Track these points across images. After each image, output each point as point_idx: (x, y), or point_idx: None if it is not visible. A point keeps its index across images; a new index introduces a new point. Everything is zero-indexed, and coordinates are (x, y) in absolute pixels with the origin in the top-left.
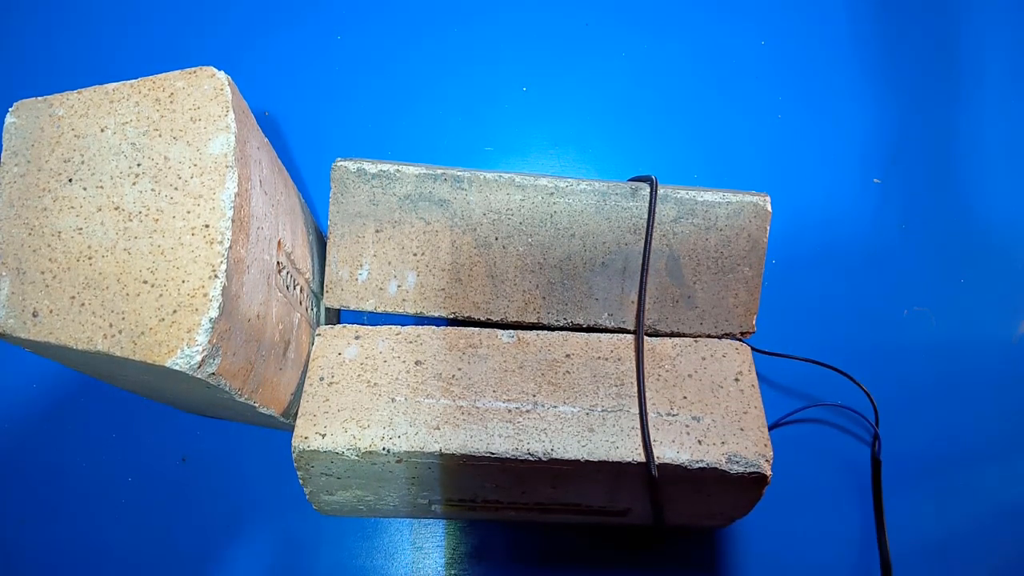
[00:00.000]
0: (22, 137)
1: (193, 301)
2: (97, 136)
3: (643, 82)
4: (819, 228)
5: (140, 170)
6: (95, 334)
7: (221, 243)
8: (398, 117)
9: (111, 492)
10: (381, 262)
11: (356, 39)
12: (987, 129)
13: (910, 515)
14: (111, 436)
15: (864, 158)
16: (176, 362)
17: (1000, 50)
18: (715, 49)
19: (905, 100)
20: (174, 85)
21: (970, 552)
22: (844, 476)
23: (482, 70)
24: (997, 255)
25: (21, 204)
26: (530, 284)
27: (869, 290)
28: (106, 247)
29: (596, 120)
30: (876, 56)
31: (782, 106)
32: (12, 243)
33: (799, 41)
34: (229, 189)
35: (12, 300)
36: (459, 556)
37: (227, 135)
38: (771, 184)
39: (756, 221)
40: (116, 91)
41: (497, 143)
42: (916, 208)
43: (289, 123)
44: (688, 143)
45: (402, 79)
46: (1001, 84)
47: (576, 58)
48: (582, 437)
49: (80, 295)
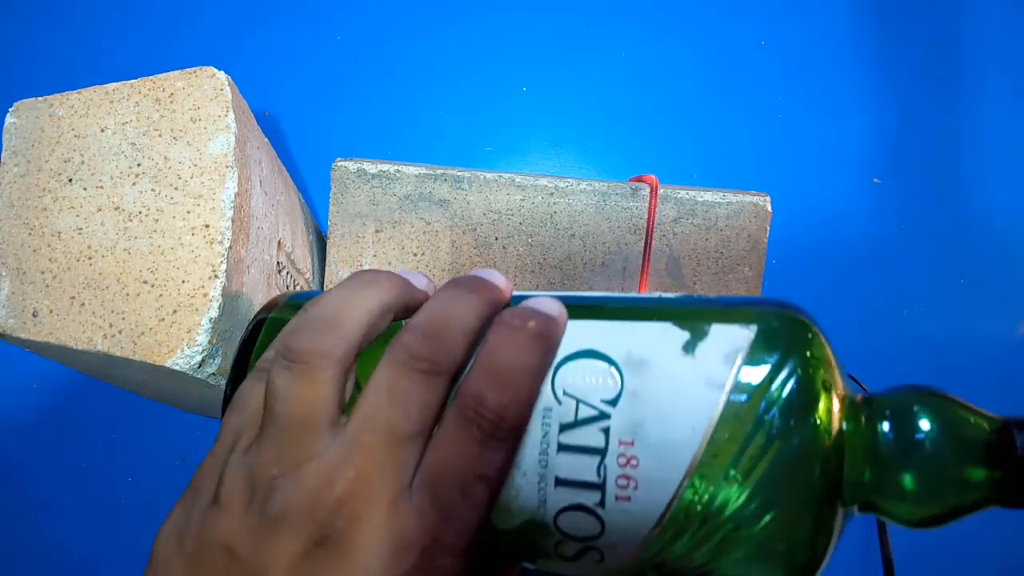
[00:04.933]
0: (22, 137)
1: (193, 301)
2: (97, 136)
3: (643, 82)
4: (819, 228)
5: (140, 170)
6: (95, 334)
7: (221, 243)
8: (398, 117)
9: (111, 492)
10: (381, 262)
11: (356, 39)
12: (987, 129)
13: None
14: (111, 436)
15: (864, 158)
16: (176, 362)
17: (1000, 50)
18: (715, 49)
19: (905, 100)
20: (174, 85)
21: (971, 552)
22: None
23: (482, 70)
24: (997, 255)
25: (21, 204)
26: (530, 284)
27: (869, 290)
28: (106, 247)
29: (596, 120)
30: (876, 56)
31: (782, 106)
32: (12, 243)
33: (799, 41)
34: (229, 189)
35: (12, 300)
36: None
37: (227, 135)
38: (771, 184)
39: (756, 221)
40: (116, 91)
41: (497, 143)
42: (916, 208)
43: (289, 123)
44: (688, 143)
45: (402, 79)
46: (1001, 84)
47: (576, 58)
48: None
49: (80, 295)
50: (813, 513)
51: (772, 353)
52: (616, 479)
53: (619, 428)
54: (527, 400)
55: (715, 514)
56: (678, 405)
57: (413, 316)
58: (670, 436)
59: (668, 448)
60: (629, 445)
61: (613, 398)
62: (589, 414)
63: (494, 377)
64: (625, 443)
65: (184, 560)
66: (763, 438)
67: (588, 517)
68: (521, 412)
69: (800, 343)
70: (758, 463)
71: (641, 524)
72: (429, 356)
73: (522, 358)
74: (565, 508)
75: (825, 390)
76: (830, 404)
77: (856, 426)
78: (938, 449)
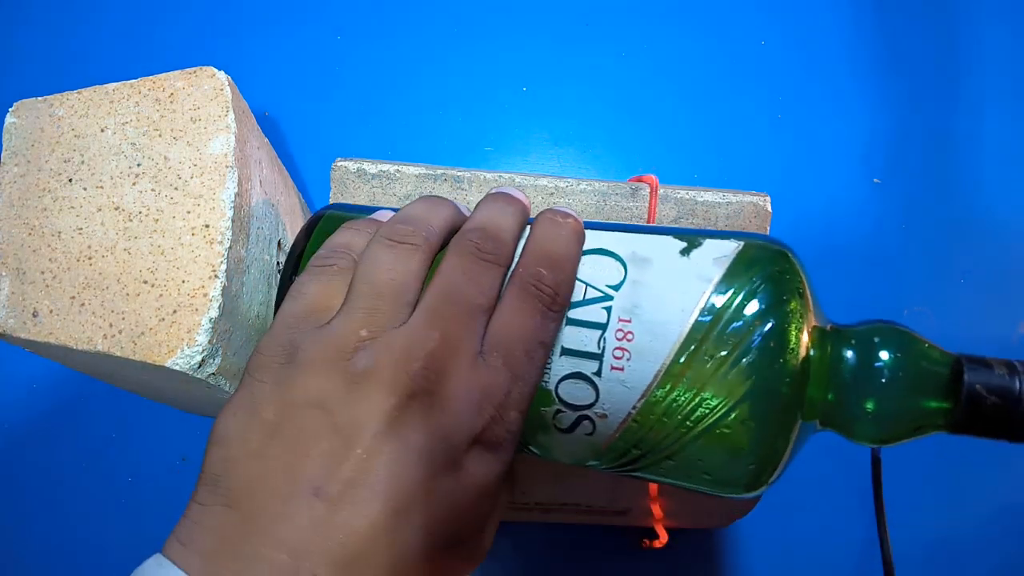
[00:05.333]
0: (22, 137)
1: (193, 301)
2: (97, 136)
3: (643, 82)
4: (819, 228)
5: (140, 170)
6: (95, 334)
7: (221, 243)
8: (398, 117)
9: (111, 492)
10: None
11: (356, 39)
12: (988, 129)
13: (911, 514)
14: (111, 436)
15: (865, 158)
16: (176, 362)
17: (1001, 50)
18: (715, 49)
19: (906, 100)
20: (174, 85)
21: (971, 552)
22: (845, 475)
23: (482, 70)
24: (997, 255)
25: (21, 204)
26: None
27: (869, 290)
28: (106, 247)
29: (596, 120)
30: (877, 56)
31: (782, 106)
32: (12, 243)
33: (799, 41)
34: (229, 189)
35: (12, 300)
36: None
37: (227, 135)
38: (771, 184)
39: (756, 221)
40: (116, 91)
41: (497, 143)
42: (916, 208)
43: (289, 123)
44: (688, 143)
45: (402, 79)
46: (1002, 84)
47: (576, 58)
48: None
49: (80, 295)
50: (777, 415)
51: (754, 264)
52: (613, 350)
53: (619, 307)
54: (571, 280)
55: (693, 394)
56: (671, 292)
57: (467, 222)
58: (662, 316)
59: (660, 326)
60: (627, 322)
61: (617, 284)
62: (595, 295)
63: (548, 261)
64: (623, 320)
65: (263, 429)
66: (738, 333)
67: (585, 385)
68: (569, 290)
69: (779, 264)
70: (732, 352)
71: (631, 393)
72: (491, 249)
73: (567, 246)
74: (566, 376)
75: (799, 298)
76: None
77: (822, 351)
78: (895, 378)
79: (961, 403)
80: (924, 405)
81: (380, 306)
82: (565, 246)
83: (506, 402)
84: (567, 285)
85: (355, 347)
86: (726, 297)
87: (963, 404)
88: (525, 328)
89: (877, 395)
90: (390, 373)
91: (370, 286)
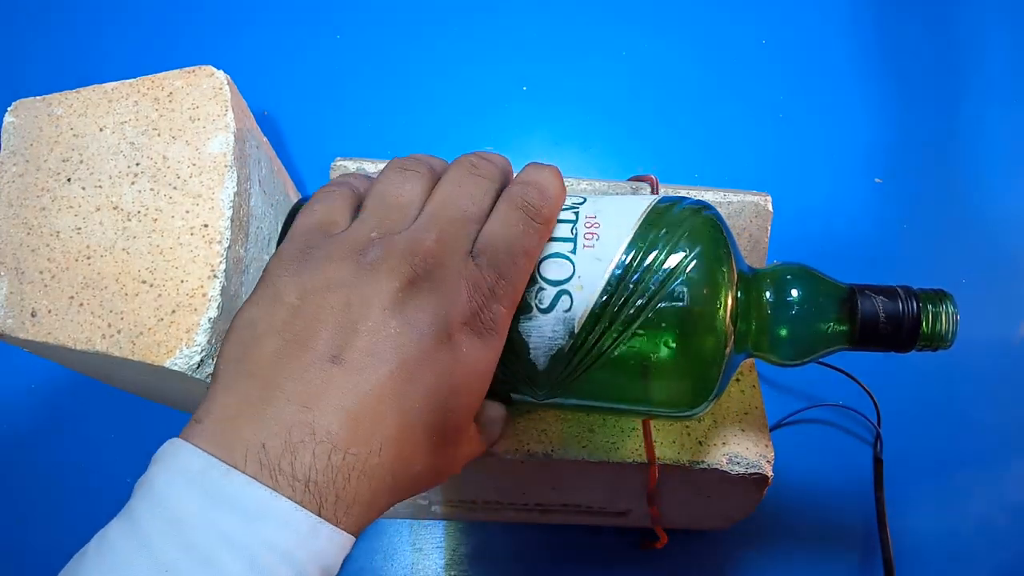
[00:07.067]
0: (21, 136)
1: (192, 301)
2: (96, 135)
3: (643, 81)
4: (820, 228)
5: (139, 169)
6: (93, 334)
7: (220, 243)
8: (398, 117)
9: (111, 492)
10: None
11: (356, 39)
12: (988, 129)
13: (912, 515)
14: (111, 436)
15: (866, 158)
16: (175, 362)
17: (1001, 50)
18: (716, 48)
19: (907, 100)
20: (173, 84)
21: (972, 552)
22: (846, 476)
23: (482, 70)
24: (997, 255)
25: (20, 204)
26: None
27: None
28: (105, 247)
29: (596, 120)
30: (877, 55)
31: (783, 105)
32: (11, 243)
33: (800, 41)
34: (228, 189)
35: (11, 300)
36: (459, 557)
37: (226, 134)
38: (772, 184)
39: (757, 221)
40: (115, 90)
41: (497, 143)
42: (917, 208)
43: (289, 122)
44: (688, 143)
45: (402, 79)
46: (1002, 84)
47: (576, 58)
48: (582, 437)
49: (79, 295)
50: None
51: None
52: (584, 235)
53: (585, 211)
54: (552, 200)
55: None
56: (625, 203)
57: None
58: (620, 213)
59: (619, 217)
60: (592, 218)
61: (582, 201)
62: (567, 206)
63: (536, 186)
64: (589, 216)
65: (286, 310)
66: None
67: (563, 262)
68: (553, 212)
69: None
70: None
71: (601, 265)
72: (483, 167)
73: (550, 176)
74: (547, 256)
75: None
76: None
77: (746, 294)
78: (803, 309)
79: (857, 325)
80: (829, 329)
81: (390, 215)
82: (548, 176)
83: (491, 295)
84: (550, 203)
85: (366, 244)
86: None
87: (859, 326)
88: (511, 235)
89: (791, 323)
90: (396, 262)
91: (381, 200)
